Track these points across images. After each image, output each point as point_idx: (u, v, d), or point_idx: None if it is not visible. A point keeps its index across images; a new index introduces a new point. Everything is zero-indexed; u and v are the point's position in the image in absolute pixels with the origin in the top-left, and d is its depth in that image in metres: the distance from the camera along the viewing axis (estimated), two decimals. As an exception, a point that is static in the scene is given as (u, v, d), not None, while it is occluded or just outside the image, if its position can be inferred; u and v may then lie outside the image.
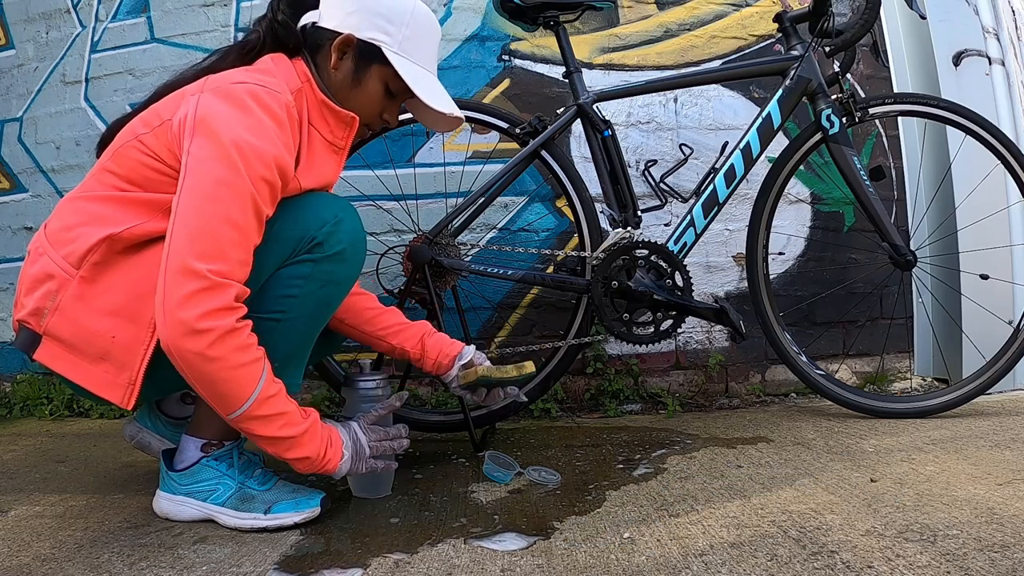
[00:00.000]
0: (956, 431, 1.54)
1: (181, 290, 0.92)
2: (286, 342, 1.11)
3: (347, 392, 1.29)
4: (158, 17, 2.19)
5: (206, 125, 0.98)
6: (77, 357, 1.03)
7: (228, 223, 0.95)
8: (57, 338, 1.03)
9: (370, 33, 1.15)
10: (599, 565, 0.91)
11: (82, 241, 1.03)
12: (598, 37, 2.12)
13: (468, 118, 1.72)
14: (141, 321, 1.02)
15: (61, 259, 1.04)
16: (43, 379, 2.15)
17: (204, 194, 0.95)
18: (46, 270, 1.04)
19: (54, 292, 1.03)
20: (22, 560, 0.97)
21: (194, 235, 0.93)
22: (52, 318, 1.03)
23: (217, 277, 0.93)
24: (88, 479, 1.40)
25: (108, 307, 1.02)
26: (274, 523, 1.08)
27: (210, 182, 0.96)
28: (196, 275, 0.92)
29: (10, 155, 2.29)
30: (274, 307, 1.08)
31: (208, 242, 0.93)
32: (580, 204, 1.66)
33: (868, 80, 2.22)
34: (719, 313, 1.59)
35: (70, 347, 1.03)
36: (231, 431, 1.14)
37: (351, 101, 1.19)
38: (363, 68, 1.17)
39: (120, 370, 1.02)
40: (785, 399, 2.06)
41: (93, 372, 1.03)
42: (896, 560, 0.87)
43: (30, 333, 1.05)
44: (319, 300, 1.11)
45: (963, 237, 2.07)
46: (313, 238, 1.07)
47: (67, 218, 1.07)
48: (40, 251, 1.07)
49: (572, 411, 1.98)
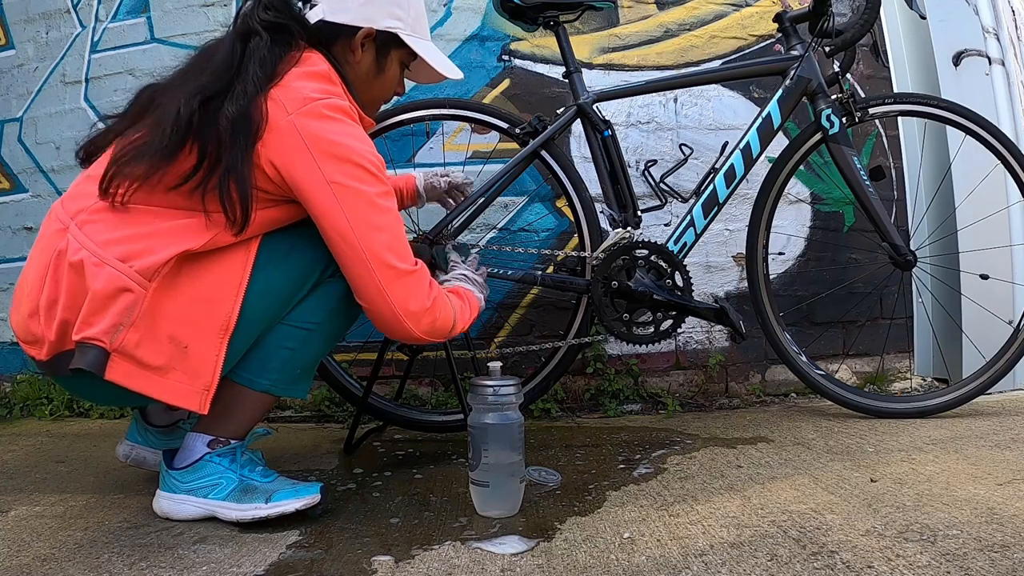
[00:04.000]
0: (956, 431, 1.54)
1: (402, 291, 1.08)
2: (312, 352, 1.18)
3: (473, 397, 1.15)
4: (158, 17, 2.19)
5: (329, 145, 1.04)
6: (149, 371, 1.00)
7: (397, 222, 1.10)
8: (129, 354, 0.98)
9: (387, 22, 1.18)
10: (599, 565, 0.91)
11: (155, 254, 1.00)
12: (598, 37, 2.12)
13: (468, 118, 1.72)
14: (209, 327, 1.03)
15: (134, 272, 0.99)
16: (43, 379, 2.15)
17: (370, 208, 1.06)
18: (118, 284, 0.98)
19: (130, 307, 0.98)
20: (22, 560, 0.97)
21: (386, 245, 1.07)
22: (127, 334, 0.98)
23: (412, 265, 1.10)
24: (88, 479, 1.40)
25: (178, 317, 1.02)
26: (276, 511, 1.08)
27: (368, 199, 1.06)
28: (404, 274, 1.08)
29: (10, 155, 2.28)
30: (310, 317, 1.14)
31: (396, 245, 1.08)
32: (580, 204, 1.66)
33: (868, 80, 2.21)
34: (719, 313, 1.59)
35: (140, 362, 0.99)
36: (238, 430, 1.15)
37: (373, 90, 1.24)
38: (383, 56, 1.22)
39: (194, 378, 1.03)
40: (785, 399, 2.06)
41: (166, 384, 1.01)
42: (896, 560, 0.87)
43: (99, 351, 0.97)
44: (349, 316, 1.19)
45: (963, 237, 2.07)
46: None
47: (120, 227, 1.02)
48: (96, 262, 0.99)
49: (572, 411, 1.98)
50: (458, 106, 1.69)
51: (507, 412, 1.12)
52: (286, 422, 1.93)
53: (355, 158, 1.05)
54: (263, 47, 1.08)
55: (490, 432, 1.11)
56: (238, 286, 1.06)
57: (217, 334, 1.04)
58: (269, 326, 1.12)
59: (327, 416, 1.94)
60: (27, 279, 1.06)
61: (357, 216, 1.05)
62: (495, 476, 1.11)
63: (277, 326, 1.13)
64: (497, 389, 1.12)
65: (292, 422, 1.92)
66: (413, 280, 1.09)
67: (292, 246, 1.12)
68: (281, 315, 1.13)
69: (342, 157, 1.05)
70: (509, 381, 1.13)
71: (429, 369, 2.01)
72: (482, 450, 1.11)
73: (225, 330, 1.05)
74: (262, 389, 1.14)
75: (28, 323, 1.03)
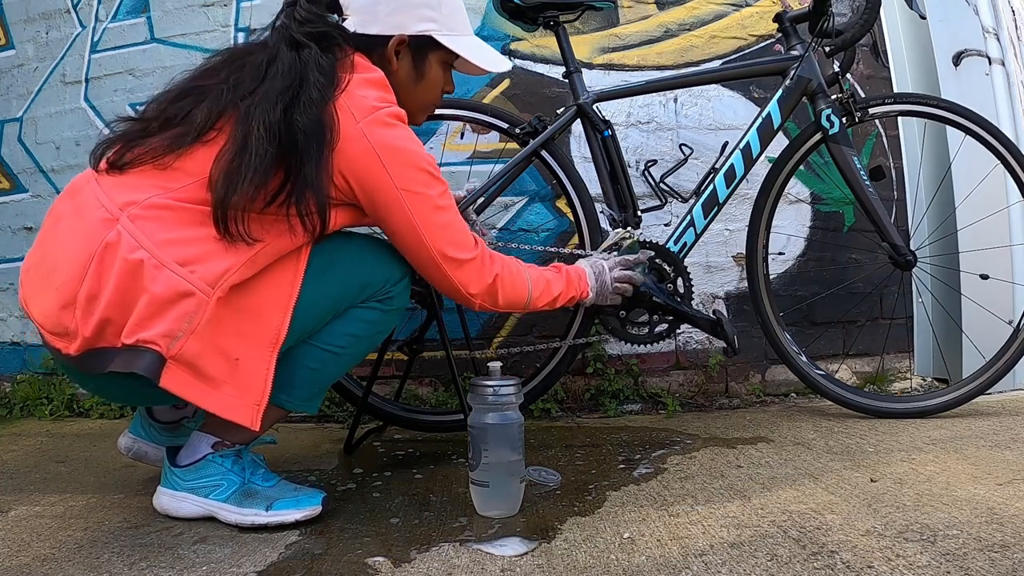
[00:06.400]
0: (956, 431, 1.54)
1: (463, 277, 1.15)
2: (333, 373, 1.20)
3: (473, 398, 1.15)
4: (158, 17, 2.19)
5: (397, 153, 1.07)
6: (203, 382, 0.97)
7: (456, 217, 1.15)
8: (187, 363, 0.95)
9: (419, 26, 1.17)
10: (599, 565, 0.91)
11: (217, 260, 0.98)
12: (598, 37, 2.12)
13: (468, 118, 1.72)
14: (260, 340, 1.02)
15: (196, 278, 0.96)
16: (43, 379, 2.15)
17: (435, 211, 1.11)
18: (178, 289, 0.94)
19: (191, 313, 0.94)
20: (22, 560, 0.97)
21: (449, 240, 1.13)
22: (186, 341, 0.94)
23: (473, 252, 1.16)
24: (88, 479, 1.40)
25: (235, 329, 0.99)
26: (275, 520, 1.08)
27: (433, 203, 1.11)
28: (464, 262, 1.15)
29: (10, 155, 2.28)
30: (337, 342, 1.15)
31: (458, 238, 1.15)
32: (580, 204, 1.66)
33: (868, 80, 2.21)
34: (714, 325, 1.55)
35: (196, 372, 0.96)
36: (246, 438, 1.15)
37: (418, 96, 1.22)
38: (421, 61, 1.20)
39: (245, 392, 1.00)
40: (785, 399, 2.06)
41: (219, 396, 0.98)
42: (896, 560, 0.87)
43: (155, 357, 0.93)
44: (371, 343, 1.22)
45: (963, 237, 2.07)
46: (388, 290, 1.17)
47: (176, 227, 0.98)
48: (156, 264, 0.94)
49: (572, 411, 1.98)
50: (458, 106, 1.69)
51: (507, 412, 1.12)
52: (286, 422, 1.92)
53: (420, 163, 1.09)
54: (316, 55, 1.06)
55: (490, 432, 1.11)
56: (288, 299, 1.05)
57: (267, 347, 1.02)
58: (296, 342, 1.11)
59: (327, 416, 1.94)
60: (59, 264, 0.99)
61: (424, 218, 1.10)
62: (495, 476, 1.11)
63: (303, 345, 1.12)
64: (497, 389, 1.12)
65: (292, 422, 1.92)
66: (472, 267, 1.16)
67: (331, 263, 1.11)
68: (312, 333, 1.13)
69: (408, 163, 1.07)
70: (509, 381, 1.13)
71: (429, 369, 2.01)
72: (482, 450, 1.11)
73: (275, 344, 1.03)
74: (278, 403, 1.12)
75: (60, 315, 0.97)
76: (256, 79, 1.04)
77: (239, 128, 1.00)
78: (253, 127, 0.99)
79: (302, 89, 1.02)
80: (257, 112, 1.00)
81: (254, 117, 1.00)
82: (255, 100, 1.01)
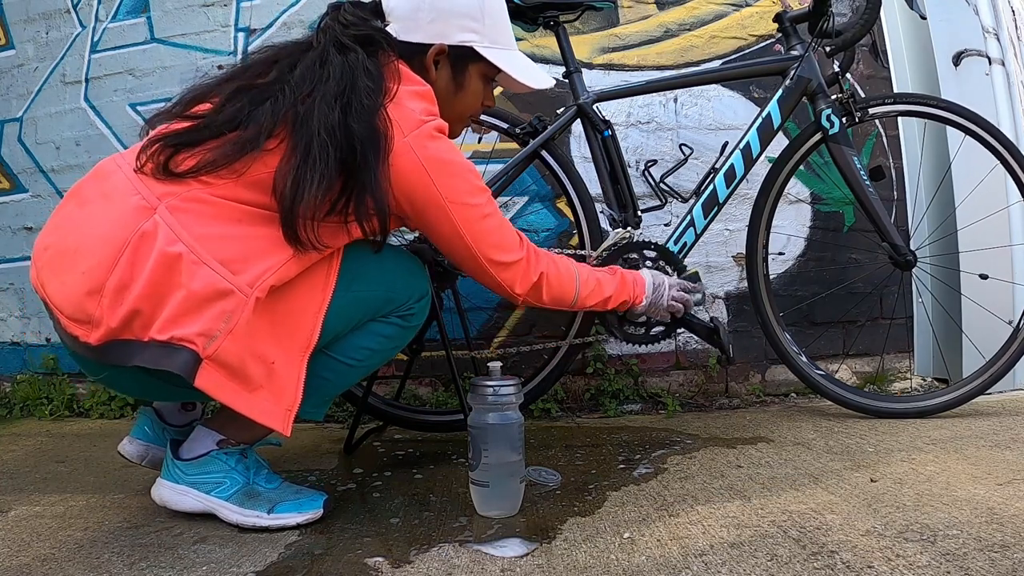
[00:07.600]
0: (956, 431, 1.53)
1: (509, 278, 1.16)
2: (345, 384, 1.21)
3: (473, 398, 1.15)
4: (158, 17, 2.19)
5: (444, 166, 1.07)
6: (238, 384, 0.95)
7: (501, 222, 1.16)
8: (222, 363, 0.93)
9: (460, 36, 1.15)
10: (599, 565, 0.91)
11: (259, 259, 0.97)
12: (598, 37, 2.12)
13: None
14: (293, 344, 1.02)
15: (236, 276, 0.94)
16: (43, 379, 2.15)
17: (482, 220, 1.12)
18: (218, 287, 0.93)
19: (229, 313, 0.93)
20: (22, 560, 0.97)
21: (495, 245, 1.14)
22: (223, 342, 0.92)
23: (519, 253, 1.17)
24: (88, 479, 1.40)
25: (270, 331, 0.98)
26: (276, 523, 1.07)
27: (479, 212, 1.12)
28: (509, 264, 1.16)
29: (10, 155, 2.28)
30: (354, 354, 1.16)
31: (503, 243, 1.16)
32: (580, 204, 1.66)
33: (868, 80, 2.21)
34: (711, 332, 1.54)
35: (232, 373, 0.94)
36: (251, 439, 1.15)
37: (456, 107, 1.20)
38: (461, 71, 1.19)
39: (278, 397, 0.99)
40: (785, 399, 2.06)
41: (254, 400, 0.97)
42: (896, 560, 0.87)
43: (191, 355, 0.91)
44: (384, 358, 1.23)
45: (963, 237, 2.07)
46: (411, 307, 1.19)
47: (214, 223, 0.97)
48: (195, 260, 0.93)
49: (572, 411, 1.98)
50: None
51: (507, 412, 1.12)
52: (286, 422, 1.92)
53: (466, 174, 1.10)
54: (363, 59, 1.05)
55: (490, 432, 1.11)
56: (320, 305, 1.05)
57: (299, 352, 1.02)
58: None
59: (327, 416, 1.94)
60: (84, 247, 0.96)
61: (471, 227, 1.11)
62: (495, 476, 1.11)
63: (319, 355, 1.09)
64: (497, 389, 1.12)
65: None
66: (518, 267, 1.17)
67: (359, 275, 1.12)
68: (330, 343, 1.12)
69: (455, 174, 1.08)
70: (509, 381, 1.13)
71: (429, 369, 2.01)
72: (482, 450, 1.10)
73: (306, 349, 1.03)
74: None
75: (84, 301, 0.93)
76: (312, 80, 1.02)
77: (300, 133, 0.99)
78: (315, 131, 0.98)
79: (354, 94, 1.01)
80: (316, 115, 0.98)
81: (314, 120, 0.98)
82: (313, 103, 1.00)
